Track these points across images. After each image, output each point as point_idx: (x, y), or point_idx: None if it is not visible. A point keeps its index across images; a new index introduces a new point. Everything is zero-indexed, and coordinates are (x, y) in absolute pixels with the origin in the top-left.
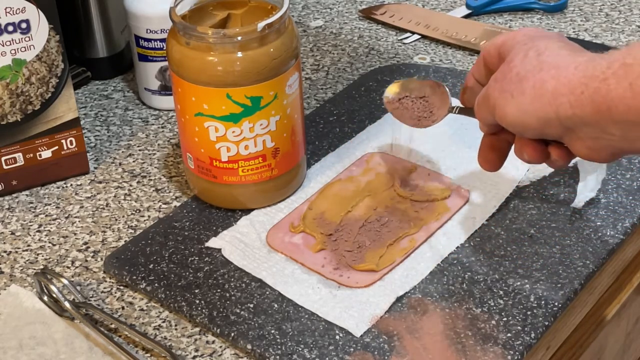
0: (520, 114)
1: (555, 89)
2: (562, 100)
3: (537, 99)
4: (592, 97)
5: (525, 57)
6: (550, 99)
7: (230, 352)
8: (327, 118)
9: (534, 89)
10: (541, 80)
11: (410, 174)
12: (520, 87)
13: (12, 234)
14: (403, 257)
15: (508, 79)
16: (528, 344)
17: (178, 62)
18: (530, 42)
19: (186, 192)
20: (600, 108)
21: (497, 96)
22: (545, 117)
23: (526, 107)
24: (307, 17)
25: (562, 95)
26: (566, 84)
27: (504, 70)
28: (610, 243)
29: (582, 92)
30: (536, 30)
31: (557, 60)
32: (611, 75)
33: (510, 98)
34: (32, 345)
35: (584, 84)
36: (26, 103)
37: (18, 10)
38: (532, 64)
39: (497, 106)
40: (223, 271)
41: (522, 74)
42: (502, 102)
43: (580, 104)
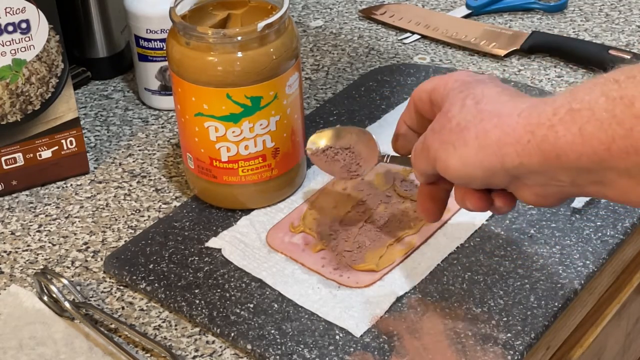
0: (464, 166)
1: (500, 138)
2: (507, 150)
3: (481, 150)
4: (539, 145)
5: (462, 106)
6: (495, 149)
7: (230, 352)
8: (327, 118)
9: (477, 139)
10: (484, 130)
11: (410, 174)
12: (462, 138)
13: (12, 234)
14: (403, 257)
15: (448, 129)
16: (528, 344)
17: (178, 62)
18: (466, 90)
19: (186, 192)
20: (549, 156)
21: (438, 148)
22: (491, 167)
23: (470, 159)
24: (307, 17)
25: (508, 145)
26: (510, 133)
27: (441, 121)
28: (610, 243)
29: (528, 141)
30: (467, 73)
31: (498, 108)
32: (558, 122)
33: (452, 150)
34: (32, 345)
35: (530, 132)
36: (26, 103)
37: (18, 10)
38: (472, 113)
39: (438, 159)
40: (223, 271)
41: (463, 124)
42: (443, 154)
43: (527, 153)
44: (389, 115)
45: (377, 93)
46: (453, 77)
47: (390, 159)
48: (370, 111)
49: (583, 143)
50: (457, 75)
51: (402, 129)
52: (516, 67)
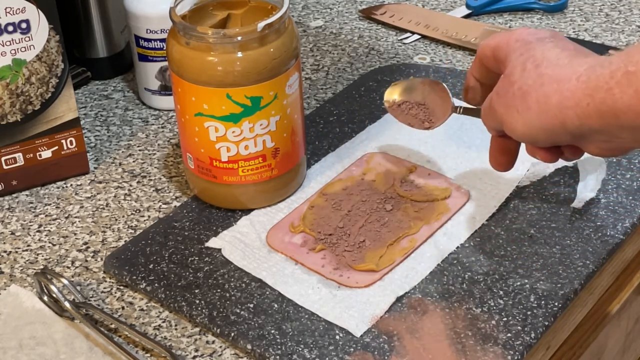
0: (528, 128)
1: (560, 102)
2: (568, 113)
3: (543, 113)
4: (598, 107)
5: (523, 70)
6: (556, 112)
7: (230, 352)
8: (327, 118)
9: (539, 104)
10: (544, 95)
11: (410, 174)
12: (525, 102)
13: (12, 234)
14: (403, 257)
15: (511, 94)
16: (528, 344)
17: (178, 62)
18: (526, 52)
19: (186, 192)
20: (608, 117)
21: (503, 112)
22: (553, 129)
23: (533, 121)
24: (307, 17)
25: (568, 108)
26: (570, 97)
27: (505, 85)
28: (610, 243)
29: (587, 104)
30: (528, 32)
31: (557, 71)
32: (615, 85)
33: (516, 114)
34: (32, 345)
35: (589, 96)
36: (26, 103)
37: (18, 10)
38: (532, 78)
39: (504, 122)
40: (223, 271)
41: (524, 88)
42: (509, 118)
43: (587, 115)
44: (388, 115)
45: (377, 93)
46: (514, 35)
47: (463, 110)
48: (370, 111)
49: (639, 103)
50: (518, 34)
51: (471, 82)
52: None
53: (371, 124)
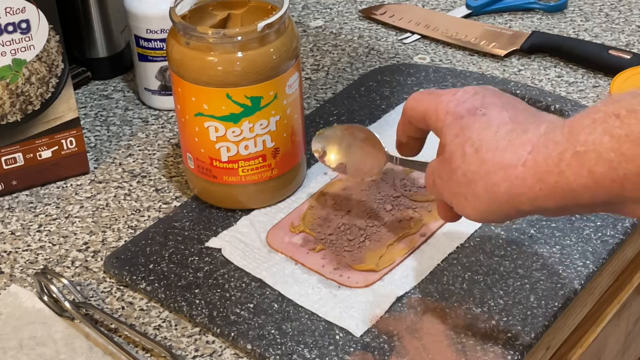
0: (480, 214)
1: (510, 189)
2: (520, 199)
3: (493, 202)
4: (552, 191)
5: (463, 155)
6: (507, 198)
7: (230, 352)
8: (327, 118)
9: (487, 192)
10: (492, 184)
11: (410, 174)
12: (471, 190)
13: (12, 234)
14: (403, 257)
15: (455, 181)
16: (528, 344)
17: (178, 62)
18: (461, 132)
19: (186, 192)
20: (564, 198)
21: (450, 197)
22: (507, 213)
23: (484, 207)
24: (307, 17)
25: (519, 194)
26: (520, 184)
27: (447, 170)
28: (610, 243)
29: (540, 189)
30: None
31: (500, 157)
32: (566, 167)
33: (464, 201)
34: (32, 345)
35: (540, 180)
36: (26, 103)
37: (18, 10)
38: (475, 164)
39: (453, 204)
40: (223, 271)
41: (469, 176)
42: (457, 203)
43: (541, 197)
44: (388, 116)
45: (377, 93)
46: (442, 105)
47: (400, 161)
48: (370, 111)
49: (595, 184)
50: (446, 105)
51: (404, 139)
52: (516, 67)
53: (371, 124)
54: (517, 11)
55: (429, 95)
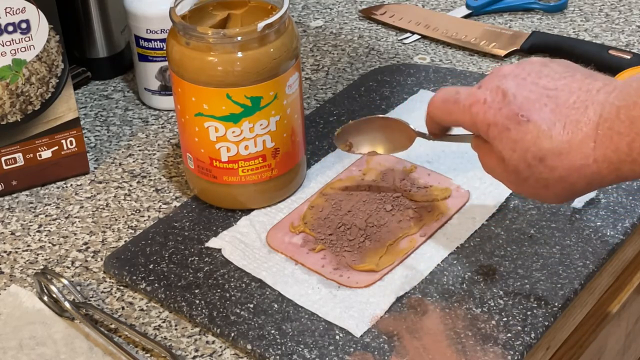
0: (561, 201)
1: (588, 184)
2: (597, 185)
3: (574, 194)
4: (626, 175)
5: (529, 167)
6: (586, 189)
7: (230, 352)
8: (327, 118)
9: (566, 190)
10: (570, 184)
11: (410, 174)
12: (550, 191)
13: (12, 234)
14: (403, 257)
15: (529, 186)
16: (528, 344)
17: (178, 62)
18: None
19: (186, 192)
20: (635, 178)
21: (531, 196)
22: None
23: (565, 197)
24: (307, 17)
25: (596, 184)
26: (597, 177)
27: (517, 180)
28: (610, 243)
29: (616, 176)
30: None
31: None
32: (638, 155)
33: (546, 197)
34: (32, 346)
35: (616, 170)
36: (26, 103)
37: (18, 10)
38: (546, 172)
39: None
40: (223, 271)
41: (543, 182)
42: (539, 198)
43: (615, 181)
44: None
45: (377, 93)
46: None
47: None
48: (370, 111)
49: None
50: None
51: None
52: None
53: None
54: (517, 11)
55: (454, 105)
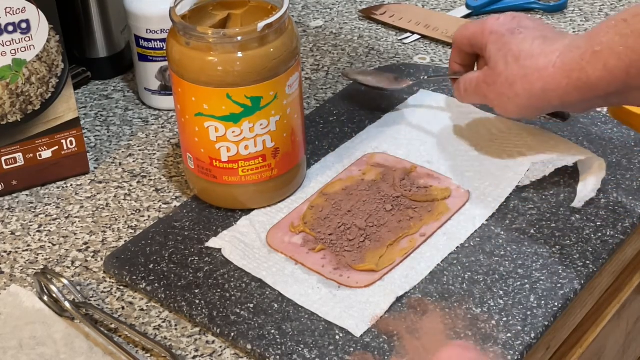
0: (519, 109)
1: (543, 87)
2: (551, 95)
3: (530, 97)
4: (575, 85)
5: (506, 63)
6: (541, 94)
7: (230, 352)
8: (327, 118)
9: (525, 90)
10: (529, 83)
11: (410, 174)
12: (513, 90)
13: (12, 234)
14: (403, 257)
15: (499, 84)
16: (528, 344)
17: (178, 62)
18: (503, 46)
19: (186, 192)
20: (584, 91)
21: (494, 98)
22: (541, 107)
23: (523, 103)
24: (307, 17)
25: (550, 90)
26: (551, 82)
27: (492, 76)
28: (610, 243)
29: (566, 84)
30: (499, 23)
31: (535, 62)
32: (586, 65)
33: (507, 100)
34: (32, 345)
35: (567, 77)
36: (26, 103)
37: (18, 10)
38: (515, 69)
39: (496, 106)
40: (223, 271)
41: (510, 79)
42: (500, 103)
43: (567, 92)
44: (388, 116)
45: (377, 93)
46: (487, 26)
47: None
48: (370, 111)
49: (609, 74)
50: (490, 26)
51: (456, 68)
52: None
53: (371, 124)
54: (517, 11)
55: (474, 23)
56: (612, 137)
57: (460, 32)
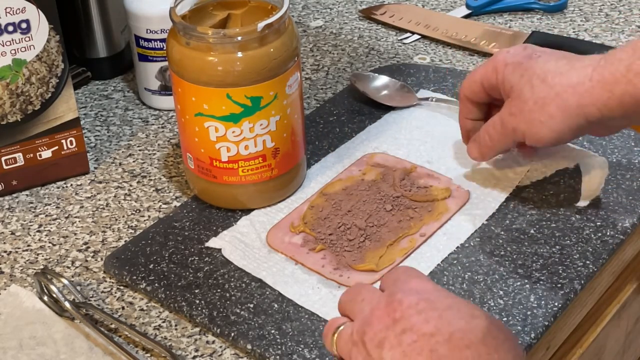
0: (556, 133)
1: (579, 102)
2: (590, 110)
3: (566, 117)
4: (620, 99)
5: (532, 87)
6: (578, 111)
7: (230, 352)
8: (327, 118)
9: (559, 109)
10: (563, 101)
11: (410, 174)
12: (546, 112)
13: (12, 234)
14: (403, 257)
15: (527, 110)
16: (528, 344)
17: (178, 62)
18: (525, 72)
19: (186, 192)
20: (629, 105)
21: (525, 127)
22: (578, 126)
23: (559, 125)
24: (307, 17)
25: (588, 105)
26: (588, 96)
27: (517, 105)
28: (610, 243)
29: (608, 98)
30: (512, 54)
31: (566, 79)
32: (634, 77)
33: (540, 125)
34: (32, 345)
35: (609, 91)
36: (26, 103)
37: (18, 10)
38: (545, 91)
39: (527, 135)
40: (223, 271)
41: (540, 102)
42: (533, 130)
43: (608, 107)
44: (389, 116)
45: None
46: (499, 62)
47: None
48: (370, 111)
49: None
50: (502, 59)
51: (469, 125)
52: None
53: (371, 124)
54: (517, 11)
55: (480, 66)
56: (612, 137)
57: (468, 80)
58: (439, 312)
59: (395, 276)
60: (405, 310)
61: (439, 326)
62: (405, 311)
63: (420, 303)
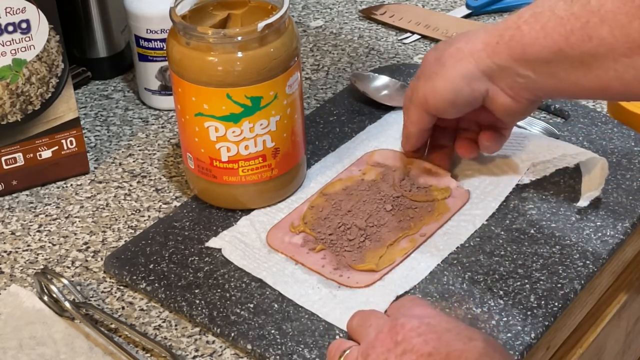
0: (448, 82)
1: (471, 49)
2: (479, 55)
3: (458, 62)
4: (507, 44)
5: (435, 49)
6: (469, 57)
7: (230, 352)
8: (327, 118)
9: (452, 57)
10: (457, 49)
11: (410, 174)
12: (440, 64)
13: (12, 234)
14: (403, 257)
15: (428, 69)
16: (528, 344)
17: (178, 62)
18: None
19: (186, 192)
20: (515, 51)
21: (424, 85)
22: (469, 73)
23: (451, 73)
24: (307, 17)
25: (479, 51)
26: (479, 43)
27: (420, 69)
28: (610, 243)
29: (497, 43)
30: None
31: (466, 33)
32: (523, 23)
33: (435, 77)
34: (32, 345)
35: (499, 36)
36: (26, 103)
37: (18, 10)
38: (443, 47)
39: (427, 93)
40: (223, 271)
41: (438, 56)
42: (430, 85)
43: (496, 52)
44: (389, 115)
45: None
46: None
47: None
48: (370, 111)
49: (545, 37)
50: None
51: None
52: None
53: (371, 124)
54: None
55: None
56: (612, 137)
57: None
58: (438, 334)
59: (400, 304)
60: (406, 333)
61: (437, 346)
62: (406, 334)
63: (421, 327)
